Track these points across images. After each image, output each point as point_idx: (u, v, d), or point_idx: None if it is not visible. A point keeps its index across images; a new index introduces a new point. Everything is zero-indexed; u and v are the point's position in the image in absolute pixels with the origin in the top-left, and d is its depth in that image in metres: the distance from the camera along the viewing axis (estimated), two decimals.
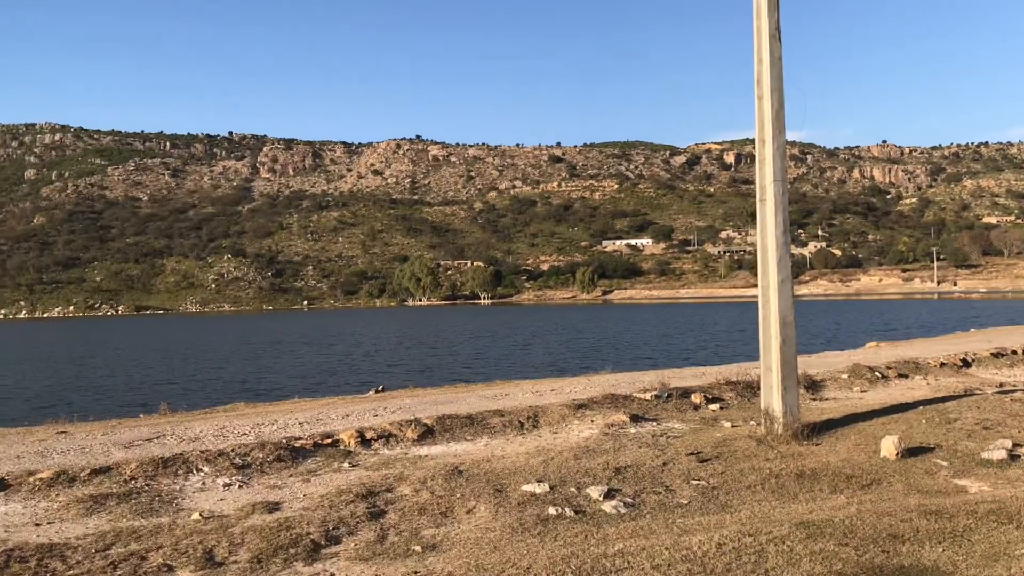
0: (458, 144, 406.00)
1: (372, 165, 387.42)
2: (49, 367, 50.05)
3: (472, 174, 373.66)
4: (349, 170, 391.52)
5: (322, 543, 7.46)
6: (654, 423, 13.33)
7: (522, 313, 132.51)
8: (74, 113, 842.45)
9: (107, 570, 6.85)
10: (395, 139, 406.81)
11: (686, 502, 8.68)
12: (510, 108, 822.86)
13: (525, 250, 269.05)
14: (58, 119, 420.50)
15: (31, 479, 9.84)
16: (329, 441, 11.72)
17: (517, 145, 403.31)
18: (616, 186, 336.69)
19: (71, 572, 6.83)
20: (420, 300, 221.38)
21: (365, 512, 8.34)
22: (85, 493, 9.29)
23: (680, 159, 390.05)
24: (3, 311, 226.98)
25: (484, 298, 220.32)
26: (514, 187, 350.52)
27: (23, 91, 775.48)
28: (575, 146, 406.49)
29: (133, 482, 9.78)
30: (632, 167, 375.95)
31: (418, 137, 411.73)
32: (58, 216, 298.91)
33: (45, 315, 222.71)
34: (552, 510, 8.27)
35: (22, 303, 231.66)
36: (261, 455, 10.80)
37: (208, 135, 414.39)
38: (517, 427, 13.01)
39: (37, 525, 8.26)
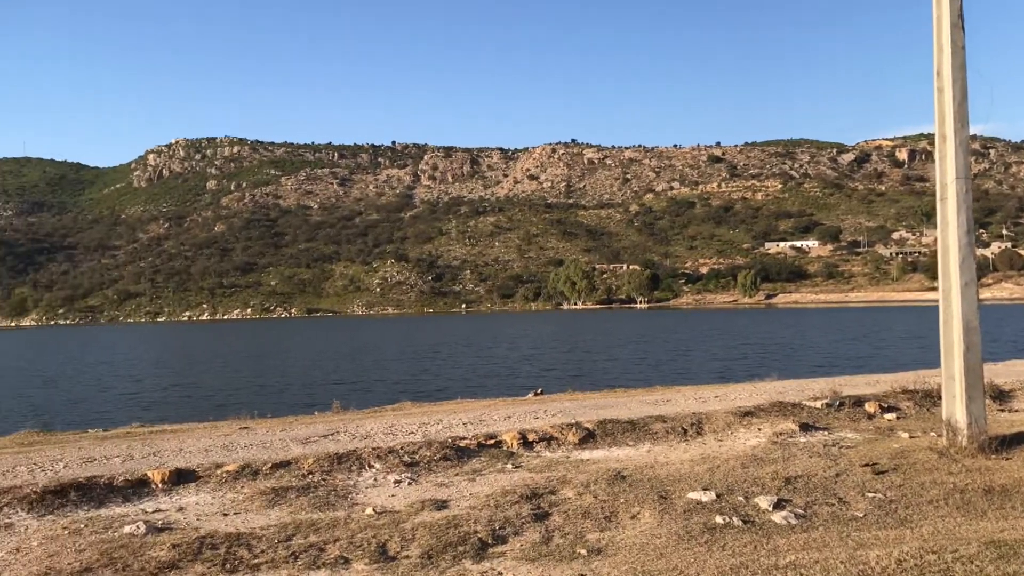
0: (614, 147, 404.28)
1: (528, 170, 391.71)
2: (230, 366, 53.48)
3: (628, 176, 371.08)
4: (505, 175, 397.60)
5: (489, 542, 7.59)
6: (825, 432, 12.80)
7: (681, 317, 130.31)
8: (251, 127, 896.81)
9: (289, 560, 7.22)
10: (551, 143, 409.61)
11: (861, 515, 8.27)
12: (667, 109, 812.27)
13: (683, 253, 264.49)
14: (236, 133, 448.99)
15: (218, 471, 10.53)
16: (492, 442, 11.93)
17: (674, 146, 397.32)
18: (779, 186, 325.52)
19: (256, 560, 7.24)
20: (575, 304, 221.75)
21: (530, 513, 8.42)
22: (267, 486, 9.85)
23: (848, 156, 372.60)
24: (188, 313, 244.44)
25: (641, 302, 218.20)
26: (671, 188, 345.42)
27: (206, 108, 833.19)
28: (735, 145, 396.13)
29: (310, 476, 10.29)
30: (796, 166, 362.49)
31: (573, 141, 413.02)
32: (237, 224, 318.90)
33: (225, 317, 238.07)
34: (719, 519, 8.09)
35: (204, 305, 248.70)
36: (428, 453, 11.13)
37: (373, 145, 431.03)
38: (680, 433, 12.81)
39: (225, 515, 8.83)
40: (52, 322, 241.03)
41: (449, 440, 11.82)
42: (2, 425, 24.52)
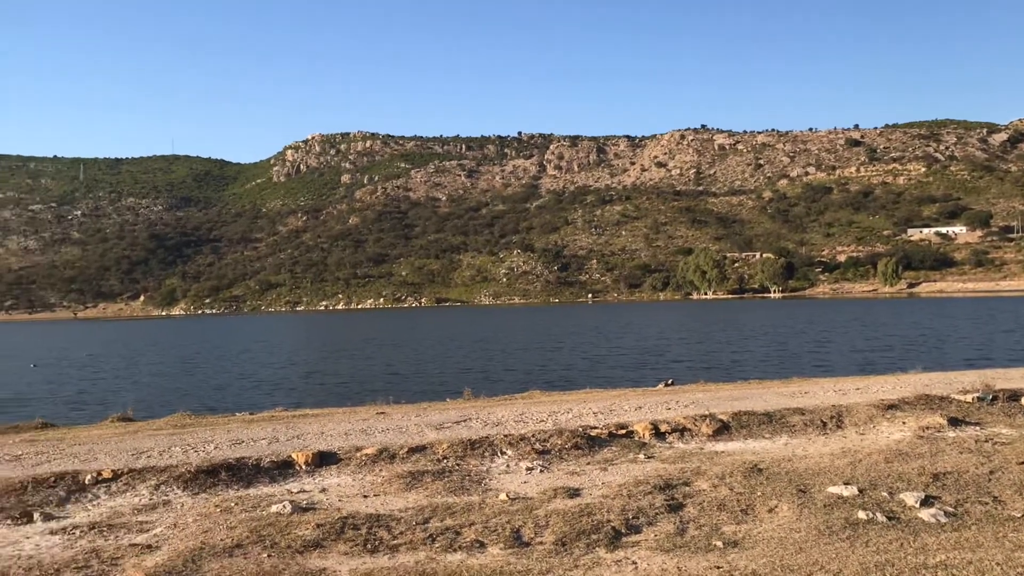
0: (745, 131, 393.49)
1: (655, 157, 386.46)
2: (364, 354, 55.21)
3: (760, 162, 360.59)
4: (632, 163, 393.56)
5: (622, 531, 7.57)
6: (976, 427, 12.12)
7: (817, 307, 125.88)
8: (382, 122, 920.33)
9: (427, 542, 7.41)
10: (679, 129, 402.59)
11: (1019, 515, 7.79)
12: (801, 92, 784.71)
13: (819, 240, 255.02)
14: (369, 128, 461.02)
15: (358, 455, 10.90)
16: (624, 432, 11.87)
17: (810, 129, 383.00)
18: (923, 169, 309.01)
19: (396, 542, 7.46)
20: (705, 294, 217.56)
21: (663, 504, 8.34)
22: (404, 469, 10.13)
23: (1000, 137, 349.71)
24: (324, 302, 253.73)
25: (774, 292, 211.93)
26: (807, 174, 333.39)
27: (340, 105, 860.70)
28: (875, 128, 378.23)
29: (445, 461, 10.52)
30: (942, 148, 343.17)
31: (703, 126, 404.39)
32: (369, 217, 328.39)
33: (359, 306, 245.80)
34: (862, 514, 7.79)
35: (340, 295, 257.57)
36: (559, 442, 11.18)
37: (499, 136, 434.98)
38: (819, 427, 12.39)
39: (365, 497, 9.13)
40: (199, 311, 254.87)
41: (580, 429, 11.84)
42: (159, 408, 26.12)
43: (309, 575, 6.62)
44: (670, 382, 20.63)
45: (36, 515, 8.74)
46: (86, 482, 9.85)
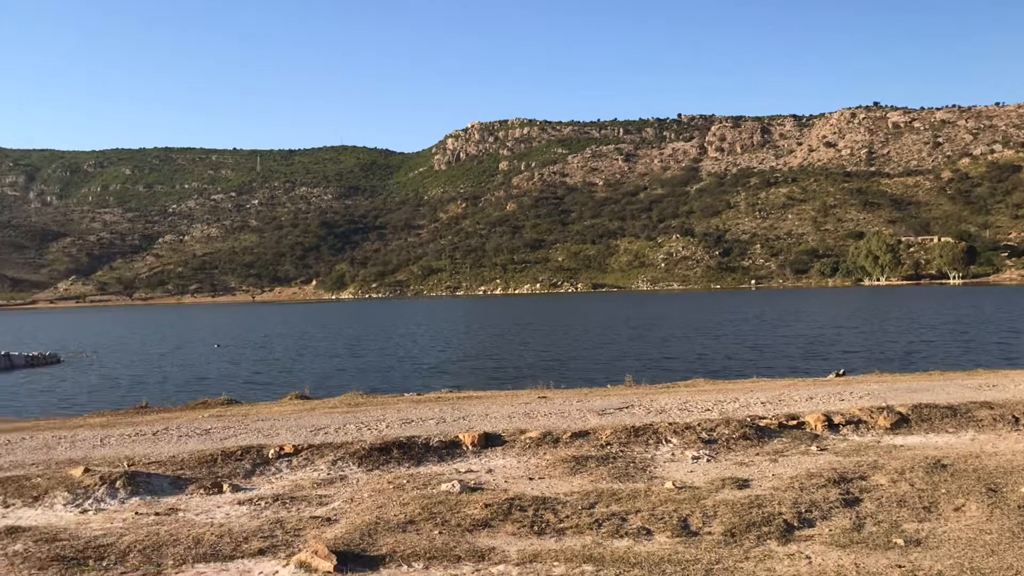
0: (922, 108, 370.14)
1: (824, 137, 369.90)
2: (521, 338, 55.95)
3: (939, 140, 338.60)
4: (799, 144, 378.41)
5: (795, 524, 7.32)
6: None
7: (1005, 294, 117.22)
8: (539, 108, 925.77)
9: (592, 527, 7.42)
10: (849, 108, 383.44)
11: None
12: (985, 63, 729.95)
13: (1006, 223, 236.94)
14: (526, 115, 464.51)
15: (522, 437, 11.05)
16: (794, 423, 11.48)
17: (996, 104, 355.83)
18: None
19: (562, 525, 7.51)
20: (878, 280, 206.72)
21: (838, 498, 8.01)
22: (568, 454, 10.19)
23: None
24: (483, 287, 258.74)
25: (954, 278, 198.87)
26: (992, 151, 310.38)
27: (499, 93, 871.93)
28: None
29: (608, 447, 10.50)
30: None
31: (876, 104, 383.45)
32: (526, 203, 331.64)
33: (516, 291, 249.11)
34: None
35: (497, 280, 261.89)
36: (726, 431, 10.93)
37: (658, 119, 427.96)
38: (1011, 422, 11.55)
39: (530, 479, 9.25)
40: (367, 295, 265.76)
41: (747, 419, 11.54)
42: (332, 387, 27.45)
43: (479, 554, 6.77)
44: (842, 372, 19.78)
45: (225, 486, 9.36)
46: (269, 456, 10.48)
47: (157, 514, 8.26)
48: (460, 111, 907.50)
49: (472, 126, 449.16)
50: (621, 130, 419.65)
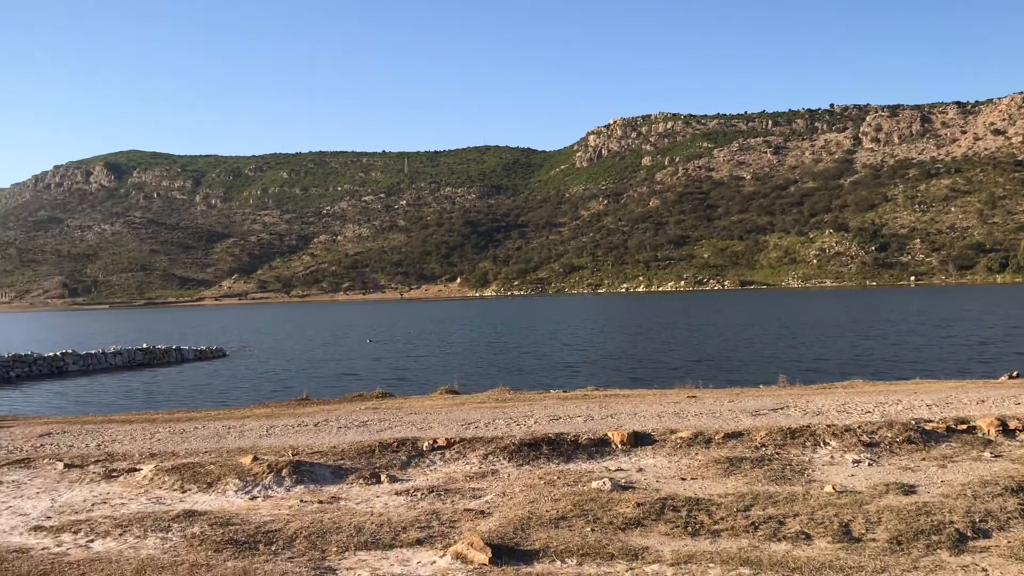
0: None
1: (992, 124, 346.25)
2: (664, 336, 55.21)
3: None
4: (963, 132, 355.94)
5: (968, 535, 6.91)
6: None
7: None
8: (683, 102, 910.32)
9: (748, 530, 7.24)
10: (1021, 92, 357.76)
11: None
12: None
13: None
14: (670, 109, 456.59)
15: (672, 437, 10.92)
16: (964, 427, 10.83)
17: None
18: None
19: (716, 527, 7.36)
20: None
21: (1017, 508, 7.51)
22: (720, 455, 9.98)
23: None
24: (625, 285, 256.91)
25: None
26: None
27: (641, 88, 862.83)
28: None
29: (763, 449, 10.23)
30: None
31: None
32: (670, 198, 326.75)
33: (659, 289, 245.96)
34: None
35: (640, 278, 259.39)
36: (889, 434, 10.44)
37: (809, 109, 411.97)
38: None
39: (682, 479, 9.12)
40: (508, 293, 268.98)
41: (912, 422, 10.97)
42: (479, 382, 27.93)
43: (632, 553, 6.73)
44: (1015, 375, 18.50)
45: (383, 476, 9.70)
46: (423, 449, 10.78)
47: (320, 502, 8.64)
48: (602, 108, 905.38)
49: (614, 122, 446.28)
50: (770, 122, 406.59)
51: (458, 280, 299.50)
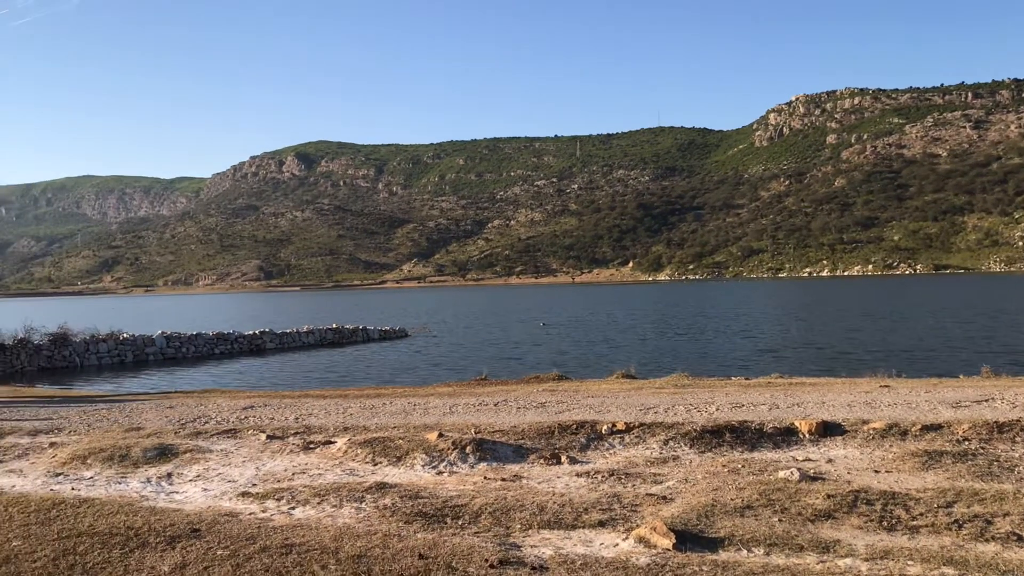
0: None
1: None
2: (848, 322, 52.62)
3: None
4: None
5: None
6: None
7: None
8: (872, 77, 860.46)
9: (951, 528, 6.80)
10: None
11: None
12: None
13: None
14: (857, 83, 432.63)
15: (865, 428, 10.40)
16: None
17: None
18: None
19: (915, 523, 6.96)
20: None
21: None
22: (918, 448, 9.42)
23: None
24: (808, 269, 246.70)
25: None
26: None
27: (825, 62, 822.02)
28: None
29: (966, 443, 9.57)
30: None
31: None
32: (857, 178, 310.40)
33: (845, 273, 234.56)
34: None
35: (824, 262, 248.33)
36: None
37: (1016, 79, 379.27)
38: None
39: (876, 472, 8.68)
40: (683, 277, 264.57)
41: None
42: (655, 367, 27.72)
43: (823, 545, 6.48)
44: None
45: (563, 457, 9.80)
46: (603, 432, 10.81)
47: (503, 480, 8.84)
48: (783, 85, 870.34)
49: (796, 99, 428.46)
50: (969, 95, 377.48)
51: (630, 264, 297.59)
